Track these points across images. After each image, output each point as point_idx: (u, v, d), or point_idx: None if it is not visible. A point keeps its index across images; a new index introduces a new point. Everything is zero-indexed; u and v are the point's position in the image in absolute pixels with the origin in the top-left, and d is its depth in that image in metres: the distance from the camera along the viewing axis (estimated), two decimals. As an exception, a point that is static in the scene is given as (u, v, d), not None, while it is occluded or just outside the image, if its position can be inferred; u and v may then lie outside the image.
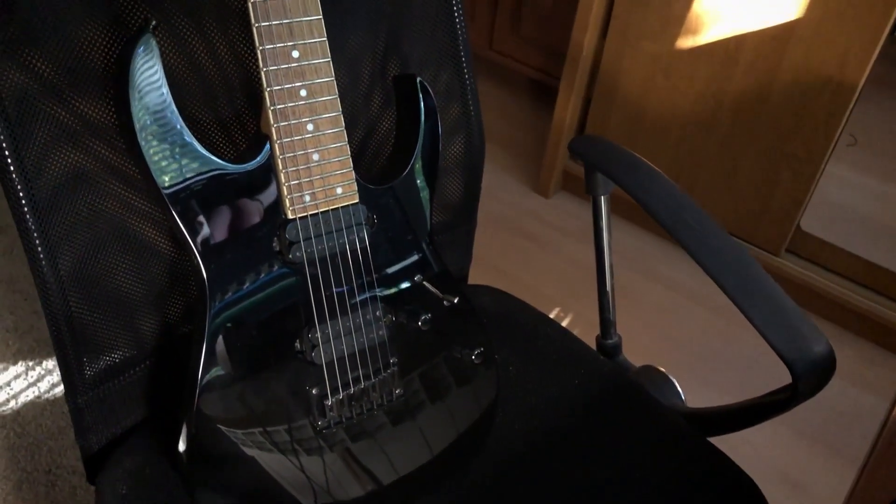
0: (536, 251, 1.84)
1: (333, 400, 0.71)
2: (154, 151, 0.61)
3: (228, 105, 0.73)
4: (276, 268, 0.68)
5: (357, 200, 0.71)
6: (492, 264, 1.76)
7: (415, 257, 0.77)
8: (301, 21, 0.65)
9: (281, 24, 0.64)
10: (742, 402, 0.78)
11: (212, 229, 0.65)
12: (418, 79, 0.74)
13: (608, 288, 0.89)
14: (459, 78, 0.86)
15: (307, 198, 0.68)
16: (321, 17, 0.66)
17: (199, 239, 0.64)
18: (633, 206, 0.81)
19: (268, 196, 0.67)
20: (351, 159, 0.70)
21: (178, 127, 0.62)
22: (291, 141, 0.67)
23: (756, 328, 0.70)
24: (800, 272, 1.72)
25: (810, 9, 1.44)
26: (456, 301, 0.77)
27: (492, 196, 1.95)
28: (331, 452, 0.72)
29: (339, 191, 0.70)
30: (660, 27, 1.64)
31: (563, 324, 1.64)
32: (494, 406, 0.81)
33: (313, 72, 0.67)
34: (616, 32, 1.71)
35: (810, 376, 0.69)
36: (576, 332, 0.94)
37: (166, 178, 0.62)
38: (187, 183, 0.63)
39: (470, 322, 0.80)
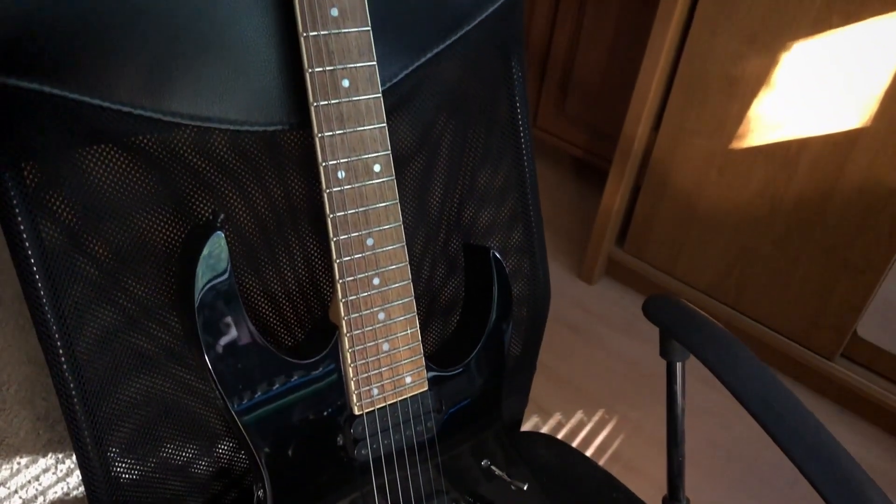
0: (579, 343, 1.78)
1: None
2: (214, 345, 0.58)
3: (293, 292, 0.69)
4: (340, 465, 0.64)
5: (426, 388, 0.66)
6: (534, 359, 1.71)
7: (482, 435, 0.72)
8: (378, 207, 0.62)
9: (357, 212, 0.61)
10: None
11: (272, 428, 0.61)
12: (492, 251, 0.70)
13: (679, 454, 0.84)
14: (528, 235, 0.82)
15: (375, 391, 0.64)
16: (397, 200, 0.63)
17: (259, 441, 0.60)
18: (676, 295, 0.76)
19: (333, 391, 0.63)
20: (421, 345, 0.65)
21: (243, 323, 0.58)
22: (362, 332, 0.63)
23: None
24: (854, 378, 1.65)
25: (876, 119, 1.39)
26: (525, 487, 0.72)
27: (534, 283, 1.90)
28: None
29: (408, 380, 0.66)
30: (716, 125, 1.59)
31: (608, 429, 1.59)
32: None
33: (387, 259, 0.63)
34: (669, 127, 1.66)
35: None
36: (620, 439, 0.89)
37: (228, 375, 0.58)
38: (250, 381, 0.59)
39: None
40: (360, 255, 0.61)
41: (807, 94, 1.46)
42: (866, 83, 1.38)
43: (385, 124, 0.62)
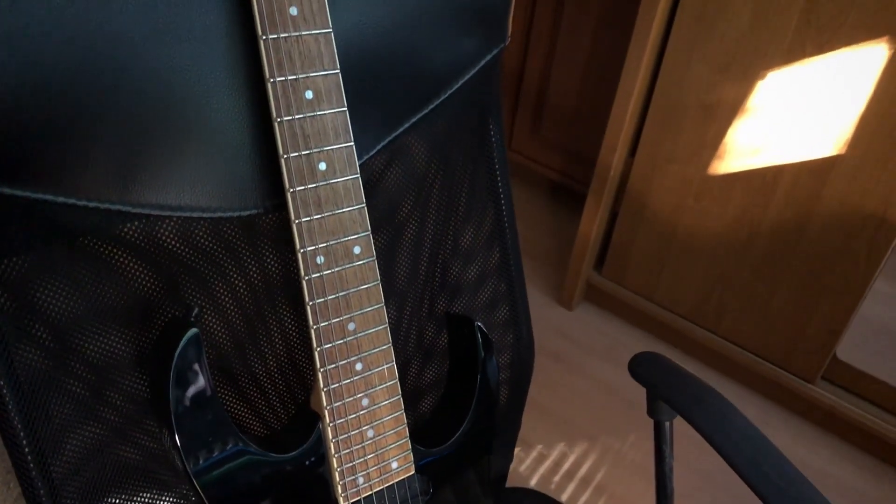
0: (561, 372, 1.77)
1: None
2: (194, 451, 0.55)
3: (275, 377, 0.67)
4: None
5: (413, 472, 0.64)
6: (516, 391, 1.69)
7: (469, 497, 0.70)
8: (359, 290, 0.60)
9: (337, 297, 0.58)
10: None
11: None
12: (477, 322, 0.68)
13: (669, 513, 0.82)
14: (511, 295, 0.80)
15: (360, 479, 0.62)
16: (379, 281, 0.61)
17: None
18: (664, 325, 0.74)
19: (318, 483, 0.60)
20: (407, 428, 0.63)
21: (224, 427, 0.56)
22: (346, 421, 0.60)
23: None
24: (835, 401, 1.65)
25: (851, 146, 1.40)
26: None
27: (514, 311, 1.88)
28: None
29: (394, 465, 0.63)
30: (692, 152, 1.59)
31: (591, 459, 1.57)
32: None
33: (370, 342, 0.61)
34: (645, 153, 1.66)
35: None
36: (604, 469, 0.87)
37: (209, 481, 0.56)
38: (232, 483, 0.56)
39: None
40: (341, 342, 0.59)
41: (782, 122, 1.46)
42: (841, 111, 1.38)
43: (364, 204, 0.60)
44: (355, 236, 0.59)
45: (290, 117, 0.55)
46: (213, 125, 0.55)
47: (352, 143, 0.58)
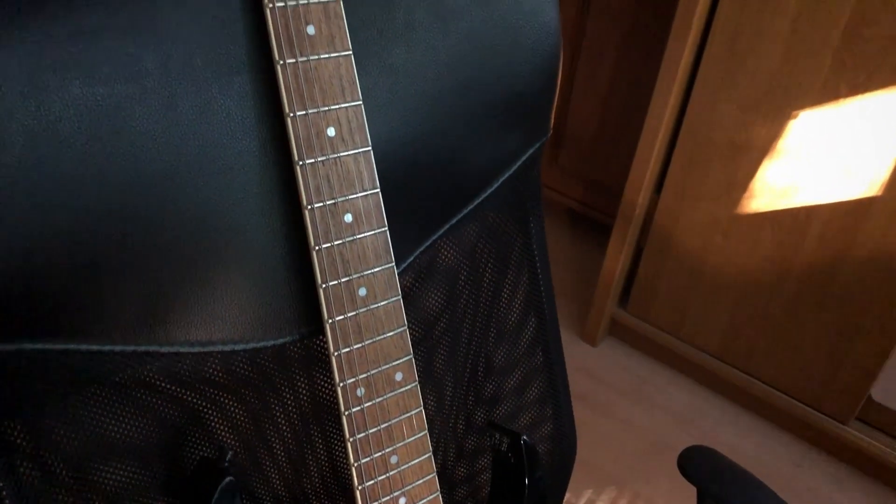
0: (586, 413, 1.73)
1: None
2: None
3: None
4: None
5: None
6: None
7: None
8: (401, 419, 0.56)
9: (379, 430, 0.55)
10: None
11: None
12: (523, 437, 0.65)
13: None
14: (552, 384, 0.77)
15: None
16: (422, 407, 0.57)
17: None
18: (691, 362, 0.70)
19: None
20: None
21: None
22: (389, 561, 0.57)
23: None
24: (869, 442, 1.61)
25: (888, 188, 1.35)
26: None
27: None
28: None
29: None
30: (720, 190, 1.55)
31: (622, 509, 1.53)
32: None
33: (413, 474, 0.57)
34: (672, 191, 1.62)
35: None
36: None
37: None
38: None
39: None
40: (384, 476, 0.55)
41: (815, 162, 1.42)
42: (877, 152, 1.34)
43: (406, 326, 0.56)
44: (397, 362, 0.56)
45: (328, 244, 0.52)
46: (246, 256, 0.51)
47: (392, 264, 0.55)
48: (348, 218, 0.52)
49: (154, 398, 0.52)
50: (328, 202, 0.51)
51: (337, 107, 0.50)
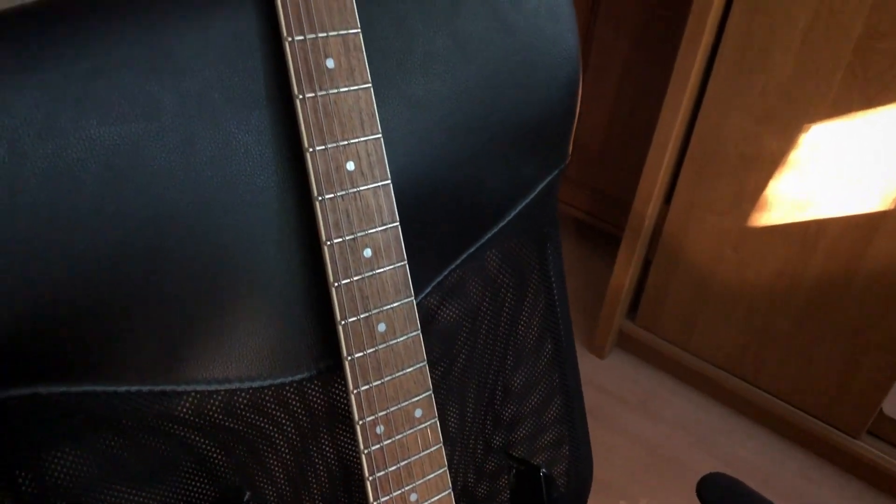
0: (595, 427, 1.72)
1: None
2: None
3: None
4: None
5: None
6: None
7: None
8: (421, 456, 0.55)
9: (398, 467, 0.54)
10: None
11: None
12: (542, 471, 0.63)
13: None
14: (568, 408, 0.75)
15: None
16: (441, 443, 0.56)
17: None
18: (700, 374, 0.69)
19: None
20: None
21: None
22: None
23: None
24: (881, 457, 1.60)
25: (901, 202, 1.34)
26: None
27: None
28: None
29: None
30: (730, 203, 1.54)
31: (632, 525, 1.52)
32: None
33: (433, 511, 0.56)
34: (681, 203, 1.60)
35: None
36: None
37: None
38: None
39: None
40: (404, 514, 0.54)
41: (826, 175, 1.40)
42: (889, 166, 1.33)
43: (425, 361, 0.55)
44: (417, 398, 0.54)
45: (347, 280, 0.51)
46: (265, 293, 0.50)
47: (412, 298, 0.54)
48: (367, 253, 0.51)
49: (169, 438, 0.51)
50: (347, 237, 0.50)
51: (356, 140, 0.49)
